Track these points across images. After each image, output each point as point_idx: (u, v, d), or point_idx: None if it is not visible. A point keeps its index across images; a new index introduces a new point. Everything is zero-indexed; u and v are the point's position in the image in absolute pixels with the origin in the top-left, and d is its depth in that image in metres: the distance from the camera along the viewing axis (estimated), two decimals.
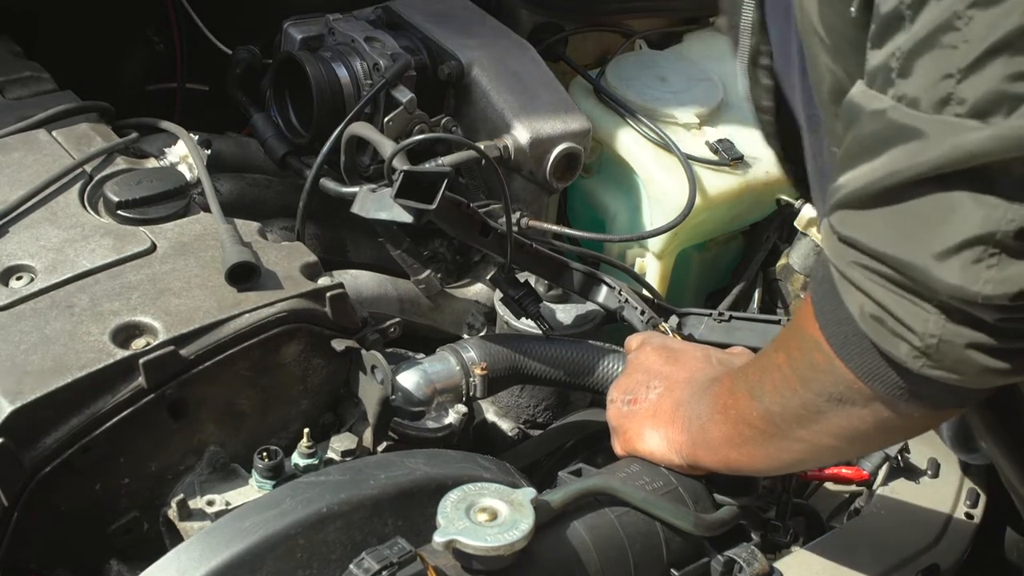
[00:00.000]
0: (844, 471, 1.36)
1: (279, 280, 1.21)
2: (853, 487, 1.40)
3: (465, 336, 1.66)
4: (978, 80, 0.72)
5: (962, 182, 0.74)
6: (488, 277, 1.49)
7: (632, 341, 1.28)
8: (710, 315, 1.46)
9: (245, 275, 1.18)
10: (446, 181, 1.20)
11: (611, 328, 1.55)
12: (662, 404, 1.14)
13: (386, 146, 1.36)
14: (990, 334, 0.78)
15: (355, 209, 1.24)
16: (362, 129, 1.44)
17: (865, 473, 1.35)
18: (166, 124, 1.49)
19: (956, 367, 0.80)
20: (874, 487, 1.34)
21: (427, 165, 1.24)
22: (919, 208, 0.77)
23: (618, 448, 1.20)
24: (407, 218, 1.22)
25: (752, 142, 1.80)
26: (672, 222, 1.66)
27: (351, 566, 0.94)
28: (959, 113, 0.72)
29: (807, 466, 1.25)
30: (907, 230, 0.78)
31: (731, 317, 1.45)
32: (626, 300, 1.43)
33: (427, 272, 1.63)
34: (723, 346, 1.26)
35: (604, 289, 1.47)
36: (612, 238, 1.74)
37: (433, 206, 1.20)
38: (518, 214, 1.55)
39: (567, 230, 1.69)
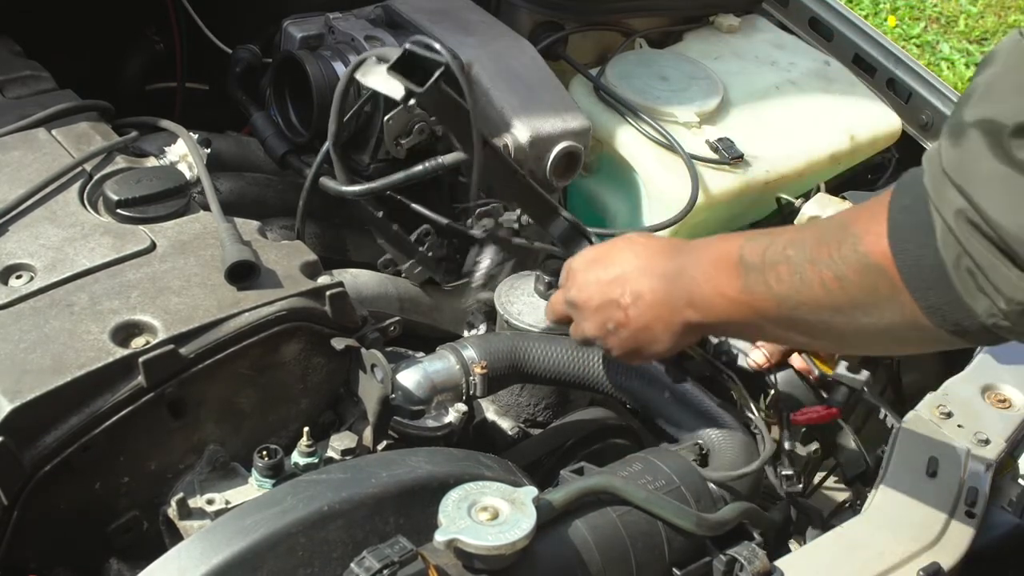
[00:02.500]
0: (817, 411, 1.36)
1: (279, 279, 1.21)
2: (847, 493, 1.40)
3: (465, 335, 1.66)
4: None
5: None
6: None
7: (562, 276, 1.27)
8: None
9: (245, 274, 1.18)
10: (440, 70, 1.23)
11: None
12: (642, 312, 1.14)
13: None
14: None
15: (358, 74, 1.26)
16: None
17: (835, 409, 1.37)
18: (166, 123, 1.49)
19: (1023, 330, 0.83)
20: (870, 492, 1.34)
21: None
22: None
23: (636, 362, 1.24)
24: (397, 92, 1.26)
25: (752, 141, 1.80)
26: (675, 216, 1.66)
27: (352, 565, 0.93)
28: None
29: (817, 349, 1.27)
30: (1020, 197, 0.78)
31: None
32: None
33: (410, 262, 1.62)
34: None
35: (585, 244, 1.47)
36: (613, 232, 1.73)
37: (423, 89, 1.23)
38: (518, 211, 1.55)
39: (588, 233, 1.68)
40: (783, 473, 1.33)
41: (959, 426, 1.35)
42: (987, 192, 0.81)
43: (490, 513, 0.95)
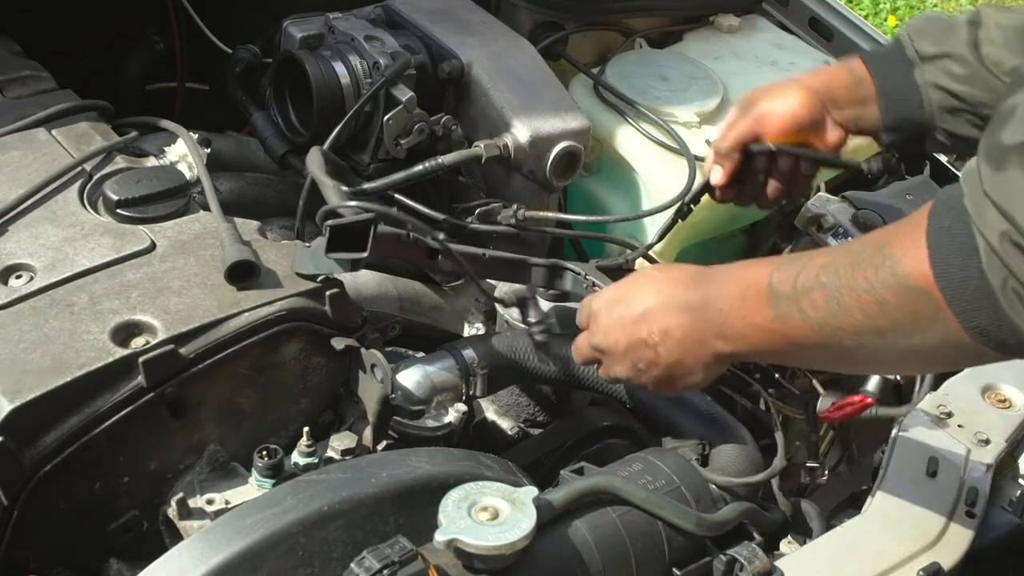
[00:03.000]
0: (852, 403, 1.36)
1: (279, 279, 1.21)
2: (863, 488, 1.40)
3: (465, 335, 1.66)
4: None
5: None
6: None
7: (581, 317, 1.25)
8: None
9: (244, 274, 1.18)
10: (373, 229, 1.19)
11: None
12: (671, 350, 1.12)
13: (331, 194, 1.33)
14: None
15: (294, 268, 1.24)
16: (315, 169, 1.39)
17: (870, 400, 1.38)
18: (166, 123, 1.49)
19: None
20: (874, 486, 1.34)
21: (353, 213, 1.23)
22: None
23: (672, 393, 1.21)
24: (346, 269, 1.22)
25: None
26: (672, 200, 1.64)
27: (352, 564, 0.93)
28: None
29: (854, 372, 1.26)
30: None
31: None
32: (592, 283, 1.42)
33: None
34: None
35: (569, 276, 1.46)
36: (609, 219, 1.72)
37: (365, 254, 1.19)
38: (515, 207, 1.55)
39: (564, 215, 1.67)
40: (808, 465, 1.34)
41: (959, 426, 1.35)
42: None
43: (490, 513, 0.95)
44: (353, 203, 1.27)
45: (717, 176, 1.38)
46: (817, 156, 1.36)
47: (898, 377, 1.53)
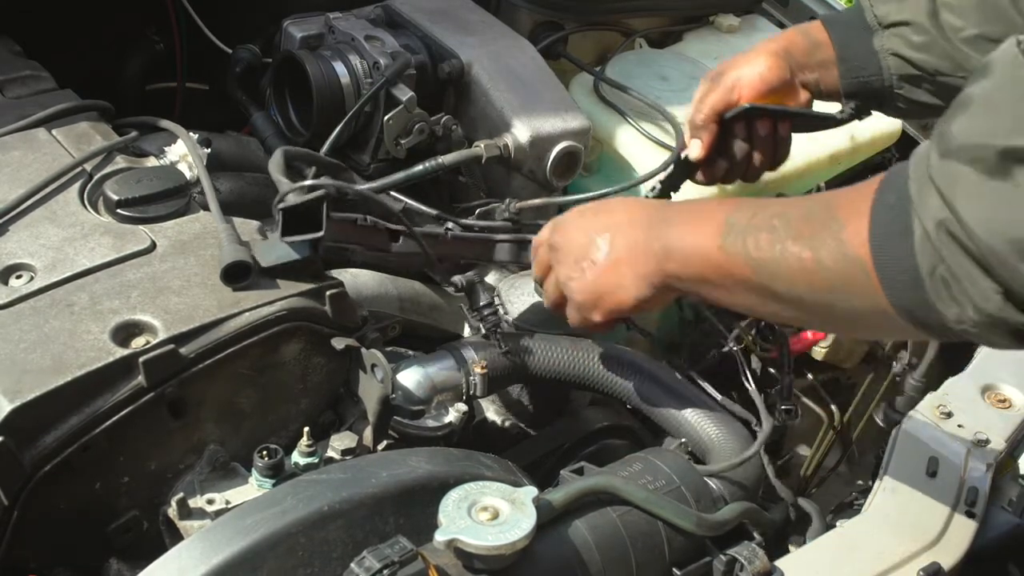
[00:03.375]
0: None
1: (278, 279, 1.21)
2: (859, 483, 1.40)
3: (465, 335, 1.66)
4: None
5: None
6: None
7: (542, 232, 1.27)
8: None
9: (241, 274, 1.18)
10: (325, 204, 1.19)
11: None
12: (619, 249, 1.14)
13: (283, 185, 1.34)
14: None
15: (260, 263, 1.23)
16: (273, 167, 1.38)
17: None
18: (165, 123, 1.49)
19: (990, 338, 0.85)
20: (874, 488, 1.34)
21: (307, 193, 1.23)
22: None
23: (597, 318, 1.20)
24: (304, 252, 1.22)
25: None
26: (646, 175, 1.63)
27: (352, 564, 0.93)
28: None
29: (782, 323, 1.28)
30: (1005, 215, 0.80)
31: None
32: None
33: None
34: None
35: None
36: (590, 196, 1.71)
37: (322, 232, 1.19)
38: (507, 201, 1.55)
39: (558, 199, 1.67)
40: (782, 407, 1.35)
41: (959, 426, 1.35)
42: (971, 204, 0.82)
43: (490, 513, 0.95)
44: (301, 183, 1.26)
45: (696, 149, 1.39)
46: (791, 110, 1.37)
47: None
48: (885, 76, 1.32)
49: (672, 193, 1.46)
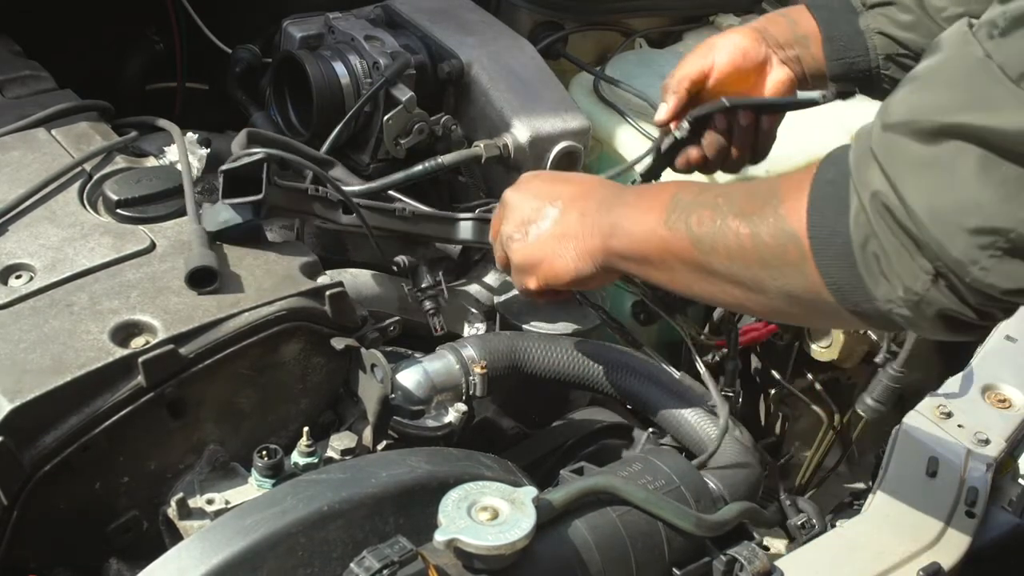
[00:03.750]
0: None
1: (278, 279, 1.21)
2: (859, 486, 1.40)
3: (465, 335, 1.66)
4: None
5: (1013, 167, 0.76)
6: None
7: (508, 189, 1.27)
8: None
9: (207, 279, 1.18)
10: (266, 167, 1.20)
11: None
12: (567, 220, 1.14)
13: (234, 149, 1.34)
14: (963, 309, 0.82)
15: (205, 227, 1.23)
16: (235, 144, 1.39)
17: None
18: (162, 122, 1.49)
19: (918, 321, 0.84)
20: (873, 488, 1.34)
21: (243, 159, 1.23)
22: (960, 171, 0.78)
23: (531, 285, 1.20)
24: (247, 215, 1.22)
25: None
26: (622, 167, 1.62)
27: (352, 564, 0.93)
28: None
29: (721, 306, 1.29)
30: (940, 190, 0.80)
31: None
32: None
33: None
34: None
35: None
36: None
37: (262, 194, 1.20)
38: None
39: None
40: (726, 392, 1.36)
41: (959, 426, 1.35)
42: (908, 177, 0.81)
43: (490, 513, 0.95)
44: (246, 151, 1.26)
45: (662, 112, 1.38)
46: (769, 102, 1.38)
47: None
48: (871, 56, 1.33)
49: (652, 180, 1.45)
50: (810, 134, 1.87)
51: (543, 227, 1.17)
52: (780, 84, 1.39)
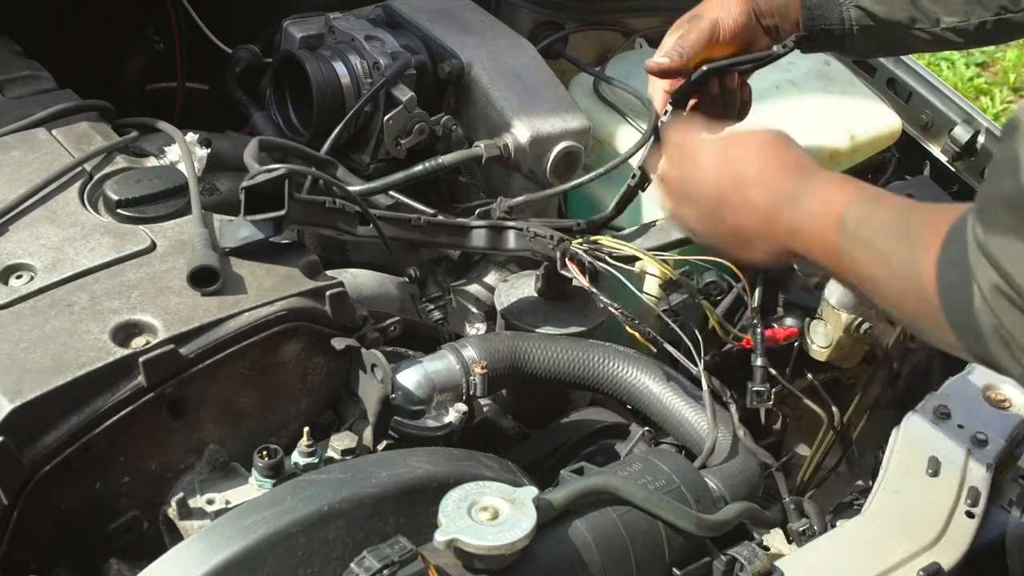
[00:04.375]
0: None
1: (278, 280, 1.21)
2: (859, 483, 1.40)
3: (465, 335, 1.66)
4: None
5: None
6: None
7: (670, 144, 1.29)
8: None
9: (208, 278, 1.18)
10: (288, 183, 1.20)
11: (612, 328, 1.54)
12: (748, 221, 1.17)
13: (252, 170, 1.33)
14: None
15: (221, 243, 1.23)
16: (247, 155, 1.40)
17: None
18: (162, 124, 1.49)
19: None
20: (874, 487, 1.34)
21: (262, 174, 1.24)
22: None
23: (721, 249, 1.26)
24: (268, 232, 1.22)
25: None
26: (619, 159, 1.61)
27: (352, 564, 0.93)
28: None
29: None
30: None
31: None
32: (534, 235, 1.43)
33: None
34: None
35: (512, 235, 1.46)
36: (566, 187, 1.69)
37: (284, 211, 1.20)
38: (499, 199, 1.55)
39: (547, 192, 1.66)
40: (754, 389, 1.36)
41: (959, 426, 1.35)
42: (1020, 268, 0.84)
43: (490, 513, 0.95)
44: (267, 167, 1.26)
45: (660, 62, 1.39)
46: (735, 61, 1.42)
47: None
48: (846, 27, 1.36)
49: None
50: (810, 134, 1.87)
51: (728, 224, 1.20)
52: (758, 52, 1.43)
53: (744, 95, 1.45)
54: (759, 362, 1.42)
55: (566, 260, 1.37)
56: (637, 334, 1.31)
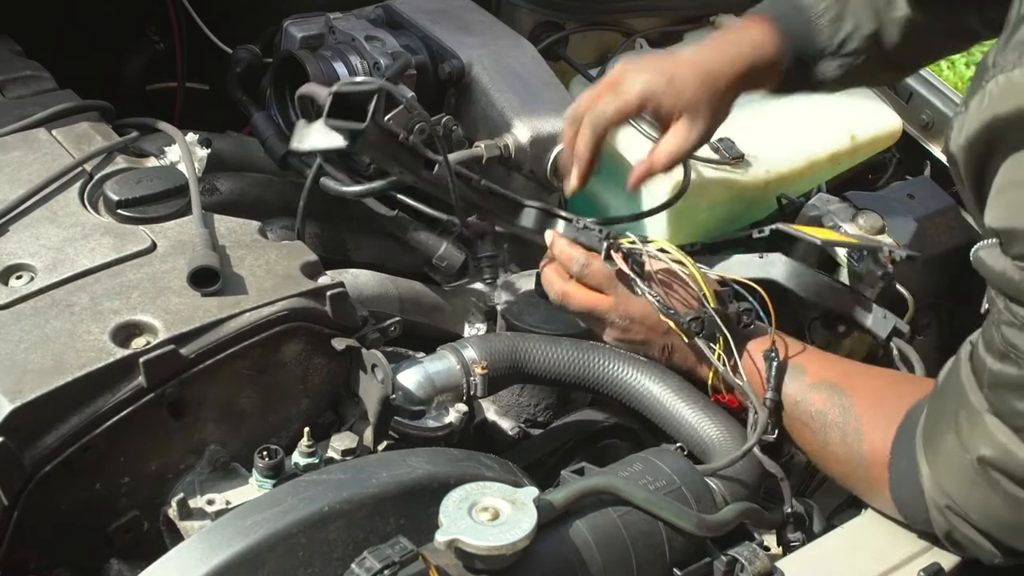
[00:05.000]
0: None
1: (278, 280, 1.21)
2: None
3: (465, 335, 1.66)
4: None
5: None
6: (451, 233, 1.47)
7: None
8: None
9: (209, 279, 1.18)
10: (376, 98, 1.18)
11: None
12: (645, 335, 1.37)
13: (317, 92, 1.31)
14: None
15: (293, 144, 1.21)
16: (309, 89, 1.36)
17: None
18: (163, 125, 1.49)
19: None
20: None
21: (360, 85, 1.22)
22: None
23: None
24: (341, 142, 1.19)
25: (752, 141, 1.80)
26: (665, 202, 1.65)
27: (353, 565, 0.93)
28: None
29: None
30: (996, 508, 1.03)
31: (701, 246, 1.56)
32: (583, 225, 1.43)
33: (445, 244, 1.61)
34: None
35: (560, 223, 1.46)
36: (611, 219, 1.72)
37: (364, 124, 1.18)
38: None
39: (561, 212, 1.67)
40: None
41: None
42: (965, 499, 1.05)
43: (491, 513, 0.95)
44: (356, 78, 1.25)
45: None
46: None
47: None
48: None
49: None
50: (810, 134, 1.87)
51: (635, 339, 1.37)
52: None
53: None
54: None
55: (611, 252, 1.36)
56: (672, 323, 1.31)
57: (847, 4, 1.40)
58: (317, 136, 1.20)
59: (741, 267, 1.56)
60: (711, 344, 1.30)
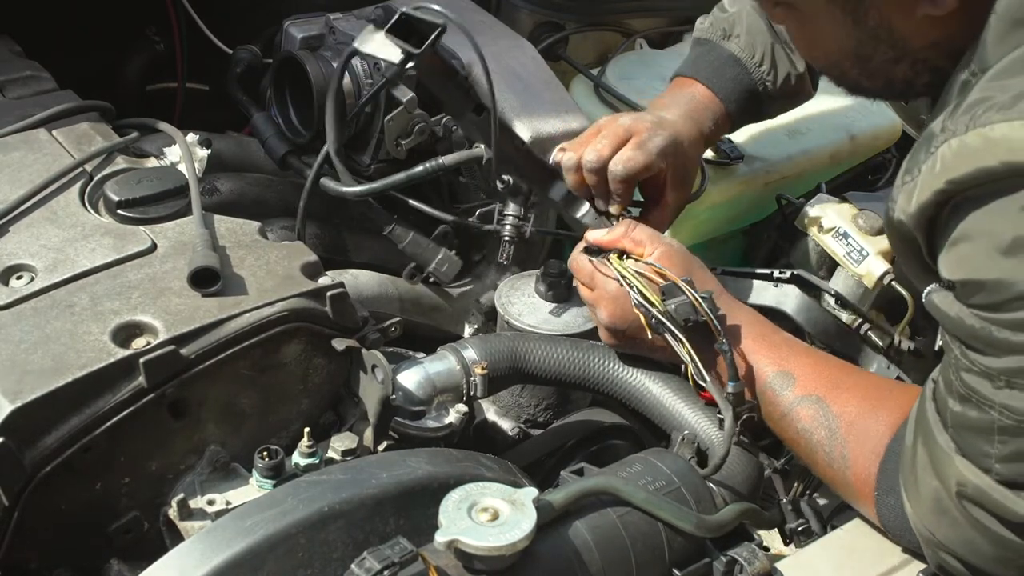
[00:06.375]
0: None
1: (279, 280, 1.21)
2: None
3: (466, 335, 1.66)
4: None
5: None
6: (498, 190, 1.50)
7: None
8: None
9: (209, 279, 1.18)
10: (437, 33, 1.25)
11: None
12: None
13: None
14: None
15: (355, 43, 1.29)
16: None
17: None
18: (163, 125, 1.49)
19: None
20: None
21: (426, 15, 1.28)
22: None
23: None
24: (394, 56, 1.27)
25: (752, 141, 1.80)
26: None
27: (352, 566, 0.93)
28: None
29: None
30: (973, 543, 1.05)
31: (722, 271, 1.56)
32: (606, 213, 1.44)
33: (443, 251, 1.62)
34: None
35: (584, 205, 1.47)
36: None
37: (420, 50, 1.25)
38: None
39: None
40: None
41: None
42: (945, 534, 1.07)
43: (490, 514, 0.95)
44: (433, 11, 1.31)
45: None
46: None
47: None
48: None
49: None
50: (810, 134, 1.87)
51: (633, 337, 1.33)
52: None
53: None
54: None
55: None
56: (643, 318, 1.31)
57: (774, 52, 1.54)
58: (377, 44, 1.28)
59: (756, 294, 1.57)
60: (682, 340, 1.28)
